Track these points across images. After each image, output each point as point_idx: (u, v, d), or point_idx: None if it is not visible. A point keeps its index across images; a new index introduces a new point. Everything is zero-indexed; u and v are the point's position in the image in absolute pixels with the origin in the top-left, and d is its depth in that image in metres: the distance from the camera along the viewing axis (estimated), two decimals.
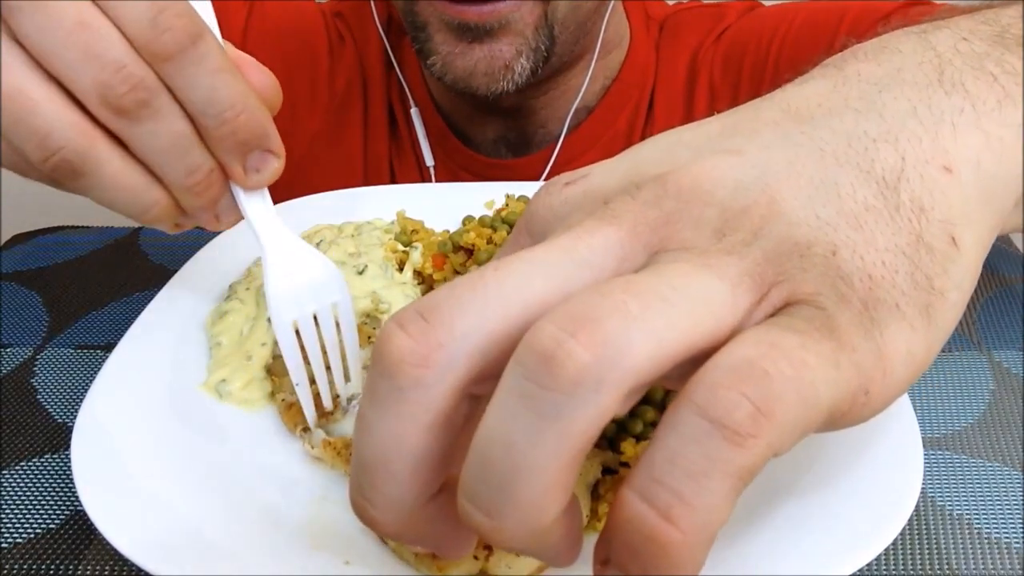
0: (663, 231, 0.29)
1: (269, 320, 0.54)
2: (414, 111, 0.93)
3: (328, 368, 0.50)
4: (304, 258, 0.50)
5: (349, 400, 0.51)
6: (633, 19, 0.96)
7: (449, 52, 0.79)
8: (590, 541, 0.44)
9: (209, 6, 0.46)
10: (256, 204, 0.49)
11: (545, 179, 0.89)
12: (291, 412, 0.51)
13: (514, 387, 0.25)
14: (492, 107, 0.88)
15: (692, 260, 0.28)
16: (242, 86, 0.43)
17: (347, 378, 0.51)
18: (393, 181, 0.95)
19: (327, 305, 0.50)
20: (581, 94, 0.91)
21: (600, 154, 0.93)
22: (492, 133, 0.94)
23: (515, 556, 0.40)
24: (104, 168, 0.42)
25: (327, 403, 0.50)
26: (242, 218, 0.49)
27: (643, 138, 0.93)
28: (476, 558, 0.40)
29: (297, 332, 0.49)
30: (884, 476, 0.44)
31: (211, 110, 0.42)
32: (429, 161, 0.94)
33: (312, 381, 0.50)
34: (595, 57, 0.90)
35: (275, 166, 0.46)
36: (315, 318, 0.49)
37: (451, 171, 0.95)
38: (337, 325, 0.50)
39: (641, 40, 0.95)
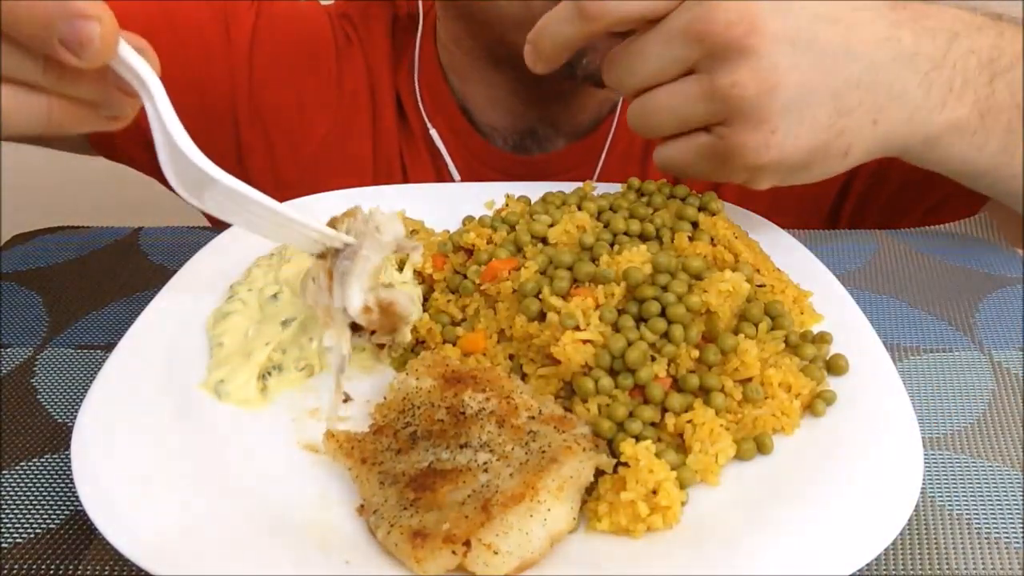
0: None
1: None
2: (433, 132, 0.92)
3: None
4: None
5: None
6: None
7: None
8: (585, 541, 0.45)
9: None
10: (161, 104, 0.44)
11: (563, 176, 0.89)
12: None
13: None
14: (543, 92, 0.89)
15: None
16: None
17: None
18: (405, 175, 0.95)
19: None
20: None
21: (618, 154, 0.93)
22: (523, 124, 0.93)
23: (492, 554, 0.40)
24: None
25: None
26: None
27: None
28: (454, 553, 0.40)
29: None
30: (884, 476, 0.44)
31: None
32: (457, 177, 0.94)
33: None
34: None
35: (95, 30, 0.40)
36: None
37: (473, 168, 0.94)
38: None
39: None
